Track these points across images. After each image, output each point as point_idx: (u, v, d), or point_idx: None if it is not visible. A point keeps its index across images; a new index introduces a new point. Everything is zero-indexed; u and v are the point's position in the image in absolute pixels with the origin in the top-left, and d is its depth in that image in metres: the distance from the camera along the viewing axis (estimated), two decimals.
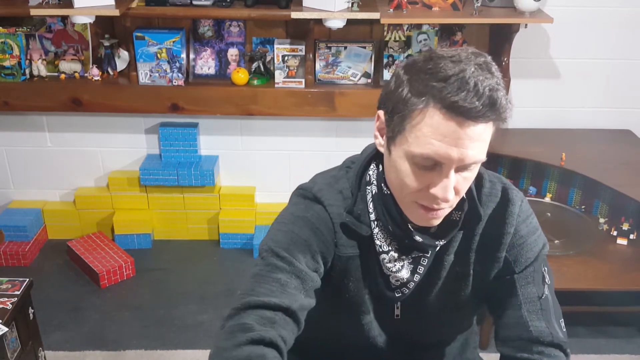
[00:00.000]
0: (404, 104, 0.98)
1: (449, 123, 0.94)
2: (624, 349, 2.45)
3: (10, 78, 2.75)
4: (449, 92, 0.93)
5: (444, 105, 0.94)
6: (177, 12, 2.57)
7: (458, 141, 0.95)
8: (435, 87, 0.94)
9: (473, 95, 0.93)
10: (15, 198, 3.14)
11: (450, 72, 0.94)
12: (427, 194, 1.01)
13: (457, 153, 0.96)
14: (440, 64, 0.96)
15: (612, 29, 2.78)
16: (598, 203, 2.63)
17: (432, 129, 0.95)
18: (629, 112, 2.95)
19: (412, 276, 1.13)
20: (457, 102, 0.93)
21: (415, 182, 1.01)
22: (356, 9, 2.50)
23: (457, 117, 0.94)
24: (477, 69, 0.95)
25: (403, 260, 1.12)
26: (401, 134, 1.00)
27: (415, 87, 0.97)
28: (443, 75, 0.94)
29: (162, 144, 2.95)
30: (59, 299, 2.69)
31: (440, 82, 0.94)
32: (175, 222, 3.08)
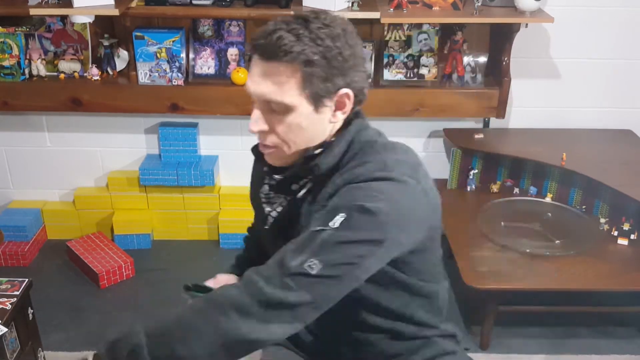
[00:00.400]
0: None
1: (254, 60, 1.15)
2: (624, 349, 2.45)
3: (9, 78, 2.74)
4: (253, 35, 1.16)
5: (251, 45, 1.16)
6: (176, 12, 2.57)
7: (253, 77, 1.15)
8: (252, 39, 1.17)
9: (264, 37, 1.12)
10: (14, 198, 3.14)
11: (270, 25, 1.15)
12: (253, 123, 1.19)
13: (252, 86, 1.15)
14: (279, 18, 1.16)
15: (613, 29, 2.78)
16: (599, 203, 2.62)
17: (250, 67, 1.17)
18: (629, 112, 2.95)
19: (272, 210, 1.29)
20: (253, 40, 1.15)
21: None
22: (356, 9, 2.50)
23: (255, 54, 1.14)
24: (293, 21, 1.14)
25: (273, 196, 1.29)
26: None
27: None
28: (261, 31, 1.15)
29: (162, 144, 2.95)
30: (59, 299, 2.69)
31: (259, 35, 1.15)
32: (175, 222, 3.07)
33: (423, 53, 2.73)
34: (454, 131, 2.90)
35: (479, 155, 2.81)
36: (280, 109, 1.14)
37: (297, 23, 1.13)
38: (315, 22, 1.13)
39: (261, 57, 1.13)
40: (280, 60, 1.10)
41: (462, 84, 2.78)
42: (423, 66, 2.74)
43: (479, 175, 2.85)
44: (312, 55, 1.10)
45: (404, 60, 2.74)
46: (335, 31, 1.13)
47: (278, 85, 1.12)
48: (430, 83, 2.77)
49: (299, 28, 1.12)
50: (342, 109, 1.18)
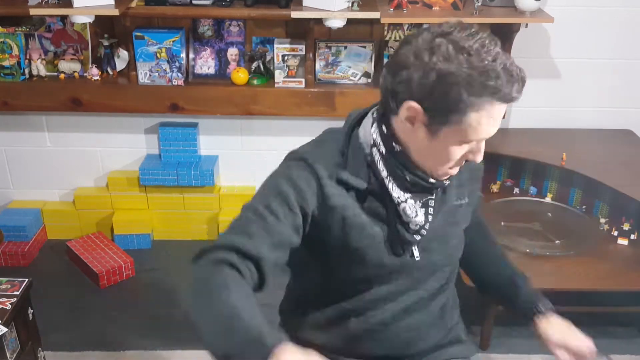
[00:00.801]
0: (460, 105, 1.07)
1: (500, 108, 1.10)
2: (624, 349, 2.44)
3: (9, 78, 2.74)
4: (504, 89, 1.06)
5: (501, 99, 1.08)
6: (176, 12, 2.57)
7: (496, 121, 1.12)
8: (491, 87, 1.06)
9: (519, 85, 1.08)
10: (14, 198, 3.14)
11: (497, 67, 1.06)
12: (463, 161, 1.19)
13: (492, 131, 1.13)
14: (479, 56, 1.06)
15: (613, 29, 2.78)
16: (599, 203, 2.62)
17: (489, 119, 1.10)
18: (629, 112, 2.95)
19: (426, 218, 1.26)
20: (512, 95, 1.08)
21: (459, 157, 1.17)
22: (356, 9, 2.50)
23: (507, 103, 1.09)
24: (504, 54, 1.08)
25: (417, 206, 1.24)
26: (453, 124, 1.10)
27: (471, 87, 1.06)
28: (494, 73, 1.06)
29: (162, 144, 2.95)
30: (59, 300, 2.69)
31: (494, 80, 1.06)
32: (175, 222, 3.07)
33: None
34: None
35: None
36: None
37: (500, 46, 1.12)
38: (496, 39, 1.13)
39: (509, 99, 1.09)
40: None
41: None
42: None
43: None
44: None
45: None
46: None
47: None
48: None
49: (510, 56, 1.11)
50: None
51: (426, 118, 1.11)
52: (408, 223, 1.24)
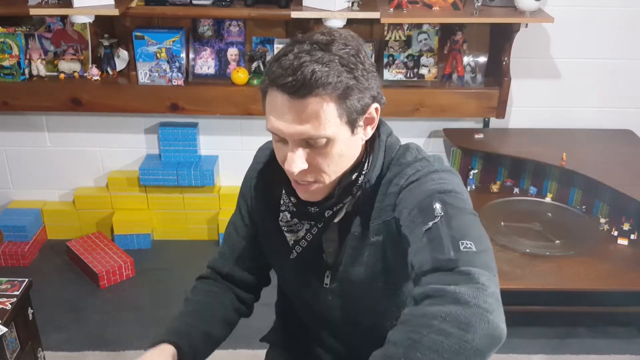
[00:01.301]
0: (262, 84, 1.09)
1: (278, 99, 1.04)
2: (624, 349, 2.45)
3: (9, 78, 2.74)
4: (273, 70, 1.03)
5: (271, 82, 1.04)
6: (176, 12, 2.57)
7: (285, 116, 1.04)
8: (269, 68, 1.05)
9: (289, 72, 1.00)
10: (14, 198, 3.14)
11: (282, 52, 1.04)
12: (288, 169, 1.09)
13: (287, 127, 1.04)
14: (287, 45, 1.06)
15: (613, 29, 2.78)
16: (599, 203, 2.62)
17: (270, 106, 1.07)
18: (629, 112, 2.95)
19: (305, 234, 1.19)
20: (276, 79, 1.02)
21: (279, 156, 1.12)
22: (356, 9, 2.50)
23: (282, 93, 1.02)
24: (311, 48, 1.02)
25: (296, 223, 1.20)
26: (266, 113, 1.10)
27: (266, 69, 1.08)
28: (277, 56, 1.05)
29: (162, 144, 2.95)
30: (59, 300, 2.69)
31: (273, 62, 1.05)
32: (175, 222, 3.07)
33: (423, 53, 2.73)
34: (454, 131, 2.90)
35: (479, 155, 2.81)
36: (320, 143, 1.05)
37: (318, 49, 1.02)
38: (335, 44, 1.03)
39: (292, 95, 1.01)
40: (316, 95, 1.01)
41: (462, 84, 2.78)
42: (423, 66, 2.74)
43: (479, 175, 2.85)
44: (348, 81, 1.02)
45: (404, 60, 2.74)
46: (354, 46, 1.05)
47: (316, 120, 1.02)
48: (430, 83, 2.77)
49: (323, 55, 1.01)
50: (372, 123, 1.12)
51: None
52: (285, 234, 1.22)
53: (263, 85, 1.07)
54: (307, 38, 1.05)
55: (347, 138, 1.07)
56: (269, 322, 1.57)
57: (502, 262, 2.34)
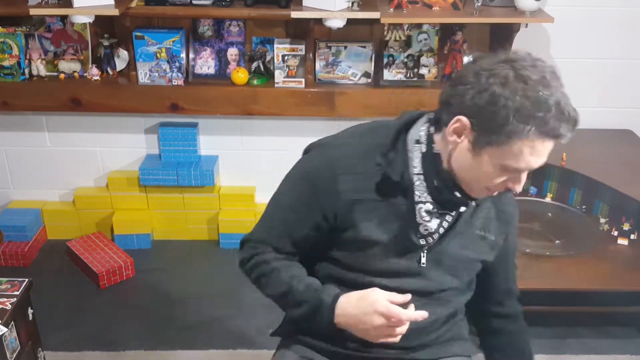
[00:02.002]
0: (506, 128, 1.10)
1: (546, 144, 1.12)
2: (624, 349, 2.45)
3: (9, 78, 2.74)
4: (552, 123, 1.09)
5: (547, 133, 1.10)
6: (176, 12, 2.57)
7: (546, 155, 1.14)
8: (539, 118, 1.09)
9: (569, 124, 1.10)
10: (14, 198, 3.13)
11: (549, 100, 1.09)
12: (500, 186, 1.20)
13: (542, 162, 1.15)
14: (535, 87, 1.09)
15: (613, 28, 2.78)
16: (599, 203, 2.62)
17: (531, 150, 1.12)
18: (629, 112, 2.95)
19: (438, 228, 1.29)
20: (559, 131, 1.10)
21: (495, 180, 1.19)
22: (356, 9, 2.50)
23: (553, 139, 1.12)
24: (561, 92, 1.12)
25: (435, 213, 1.28)
26: (495, 146, 1.14)
27: (519, 114, 1.09)
28: (545, 106, 1.08)
29: (162, 144, 2.95)
30: (59, 299, 2.69)
31: (544, 112, 1.08)
32: (175, 222, 3.07)
33: (423, 53, 2.74)
34: None
35: None
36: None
37: (561, 81, 1.17)
38: (559, 76, 1.18)
39: (560, 139, 1.13)
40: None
41: None
42: (423, 66, 2.74)
43: None
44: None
45: (404, 60, 2.74)
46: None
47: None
48: (430, 83, 2.77)
49: (567, 95, 1.14)
50: None
51: (472, 135, 1.16)
52: (419, 225, 1.28)
53: (532, 131, 1.10)
54: (548, 75, 1.14)
55: None
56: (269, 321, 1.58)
57: None
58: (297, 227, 1.33)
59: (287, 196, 1.35)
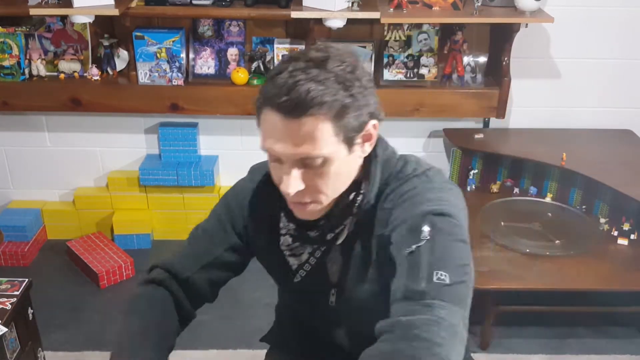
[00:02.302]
0: (257, 102, 1.05)
1: (272, 118, 1.01)
2: (624, 349, 2.45)
3: (9, 78, 2.74)
4: (268, 89, 1.01)
5: (265, 101, 1.01)
6: (176, 12, 2.57)
7: (282, 136, 1.01)
8: (264, 86, 1.03)
9: (284, 91, 0.98)
10: (14, 198, 3.13)
11: (275, 70, 1.01)
12: (286, 185, 1.07)
13: (282, 148, 1.02)
14: (282, 63, 1.02)
15: (613, 29, 2.78)
16: (599, 203, 2.62)
17: (265, 125, 1.04)
18: (629, 112, 2.94)
19: (303, 263, 1.19)
20: (271, 98, 0.99)
21: (275, 176, 1.10)
22: (356, 9, 2.50)
23: (277, 112, 1.00)
24: (306, 65, 0.99)
25: (297, 247, 1.18)
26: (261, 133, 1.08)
27: (259, 95, 1.04)
28: (272, 74, 1.02)
29: (162, 144, 2.95)
30: (59, 299, 2.69)
31: (267, 80, 1.02)
32: (175, 222, 3.07)
33: (423, 53, 2.73)
34: (454, 131, 2.90)
35: (479, 155, 2.81)
36: (316, 163, 1.03)
37: (314, 67, 0.99)
38: (330, 61, 1.00)
39: (287, 115, 0.99)
40: (311, 114, 0.98)
41: (462, 84, 2.78)
42: (423, 66, 2.74)
43: (479, 175, 2.85)
44: (344, 99, 1.00)
45: (404, 60, 2.74)
46: (350, 62, 1.03)
47: (313, 140, 1.00)
48: (430, 83, 2.77)
49: (318, 73, 0.98)
50: (370, 140, 1.09)
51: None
52: (287, 259, 1.21)
53: (258, 104, 1.04)
54: (302, 55, 1.01)
55: (345, 156, 1.05)
56: (268, 321, 1.57)
57: (502, 262, 2.34)
58: (209, 248, 1.25)
59: (205, 221, 1.30)
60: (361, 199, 1.12)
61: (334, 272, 1.20)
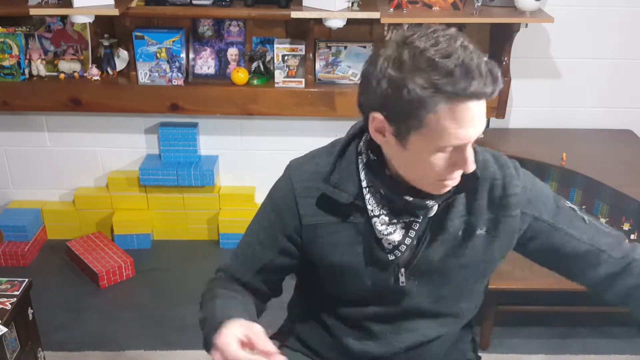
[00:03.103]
0: (414, 106, 1.01)
1: (465, 108, 1.00)
2: (624, 349, 2.45)
3: (9, 78, 2.74)
4: (460, 84, 0.98)
5: (460, 96, 0.99)
6: (176, 12, 2.57)
7: (473, 121, 1.02)
8: (445, 84, 0.98)
9: (481, 79, 0.99)
10: (14, 198, 3.13)
11: (448, 64, 0.98)
12: (452, 172, 1.09)
13: (474, 131, 1.04)
14: (431, 57, 0.99)
15: (613, 28, 2.78)
16: (599, 203, 2.62)
17: (452, 120, 1.01)
18: (629, 112, 2.95)
19: (403, 239, 1.19)
20: (471, 90, 0.98)
21: (442, 167, 1.08)
22: (356, 9, 2.50)
23: (471, 101, 1.00)
24: (462, 49, 0.99)
25: (395, 223, 1.18)
26: (417, 130, 1.04)
27: (423, 88, 0.99)
28: (445, 70, 0.98)
29: (162, 144, 2.95)
30: (59, 299, 2.69)
31: (447, 77, 0.98)
32: (175, 222, 3.07)
33: None
34: None
35: None
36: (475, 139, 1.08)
37: (468, 43, 1.01)
38: (462, 35, 1.03)
39: (487, 97, 1.01)
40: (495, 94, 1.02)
41: None
42: None
43: None
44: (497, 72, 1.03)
45: None
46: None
47: (483, 116, 1.05)
48: None
49: (473, 49, 1.01)
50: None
51: (391, 128, 1.06)
52: (381, 240, 1.19)
53: (429, 104, 0.99)
54: (442, 39, 1.00)
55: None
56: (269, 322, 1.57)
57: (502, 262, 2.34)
58: (263, 253, 1.27)
59: (255, 223, 1.30)
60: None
61: (435, 250, 1.21)
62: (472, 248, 1.21)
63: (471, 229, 1.20)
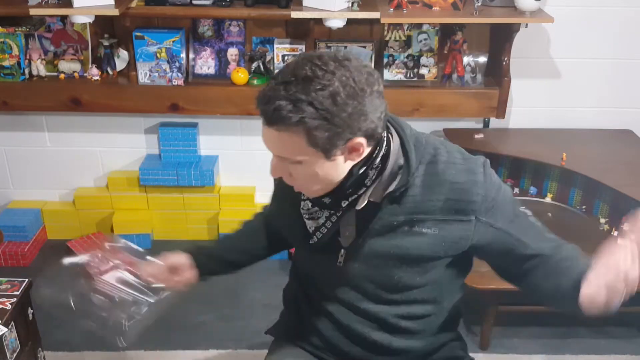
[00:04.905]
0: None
1: (264, 128, 1.15)
2: (624, 349, 2.45)
3: (9, 78, 2.74)
4: (257, 98, 1.13)
5: (256, 106, 1.14)
6: (176, 12, 2.57)
7: (263, 135, 1.17)
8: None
9: (264, 102, 1.10)
10: (14, 198, 3.13)
11: (274, 75, 1.14)
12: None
13: (266, 142, 1.18)
14: (283, 67, 1.13)
15: (613, 28, 2.78)
16: (599, 203, 2.62)
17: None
18: (629, 112, 2.95)
19: (325, 224, 1.29)
20: (257, 101, 1.13)
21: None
22: (356, 9, 2.50)
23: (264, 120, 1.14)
24: (292, 80, 1.07)
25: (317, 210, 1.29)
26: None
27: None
28: (271, 77, 1.15)
29: (162, 144, 2.95)
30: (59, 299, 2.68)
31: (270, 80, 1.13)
32: (175, 222, 3.07)
33: (423, 53, 2.73)
34: (454, 131, 2.90)
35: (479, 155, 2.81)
36: (292, 162, 1.16)
37: (295, 85, 1.06)
38: (314, 83, 1.06)
39: (265, 122, 1.14)
40: (282, 128, 1.10)
41: (462, 84, 2.78)
42: (423, 66, 2.75)
43: None
44: (312, 122, 1.07)
45: (404, 60, 2.74)
46: (335, 89, 1.06)
47: (284, 146, 1.13)
48: (430, 83, 2.77)
49: (296, 92, 1.06)
50: (358, 151, 1.15)
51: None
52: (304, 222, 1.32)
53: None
54: (298, 72, 1.08)
55: (322, 162, 1.14)
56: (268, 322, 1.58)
57: None
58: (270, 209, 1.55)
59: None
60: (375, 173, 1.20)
61: (346, 236, 1.30)
62: (414, 243, 1.26)
63: (418, 226, 1.25)
